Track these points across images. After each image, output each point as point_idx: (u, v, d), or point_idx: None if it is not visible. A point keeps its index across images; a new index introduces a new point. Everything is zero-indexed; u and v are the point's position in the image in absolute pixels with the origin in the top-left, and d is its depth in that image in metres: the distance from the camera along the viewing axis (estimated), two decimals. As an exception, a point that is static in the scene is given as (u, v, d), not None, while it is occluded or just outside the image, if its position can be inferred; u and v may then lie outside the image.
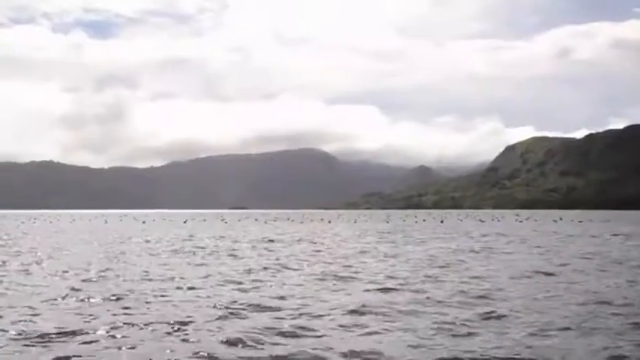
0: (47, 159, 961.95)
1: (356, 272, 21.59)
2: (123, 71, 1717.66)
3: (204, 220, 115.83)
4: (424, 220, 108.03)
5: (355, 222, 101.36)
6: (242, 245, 37.55)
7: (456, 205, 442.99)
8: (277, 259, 26.69)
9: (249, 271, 21.72)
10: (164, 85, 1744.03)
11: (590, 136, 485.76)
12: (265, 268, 22.75)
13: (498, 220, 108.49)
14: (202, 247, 35.12)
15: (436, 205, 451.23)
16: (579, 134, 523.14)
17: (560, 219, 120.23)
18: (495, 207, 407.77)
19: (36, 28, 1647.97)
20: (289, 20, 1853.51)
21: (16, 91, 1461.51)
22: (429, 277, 20.06)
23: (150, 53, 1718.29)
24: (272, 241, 42.64)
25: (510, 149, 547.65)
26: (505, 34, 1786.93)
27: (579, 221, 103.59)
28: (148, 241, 41.73)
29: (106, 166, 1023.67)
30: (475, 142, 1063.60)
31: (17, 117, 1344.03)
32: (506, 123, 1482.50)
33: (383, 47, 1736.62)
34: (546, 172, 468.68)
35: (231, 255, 29.53)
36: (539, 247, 35.29)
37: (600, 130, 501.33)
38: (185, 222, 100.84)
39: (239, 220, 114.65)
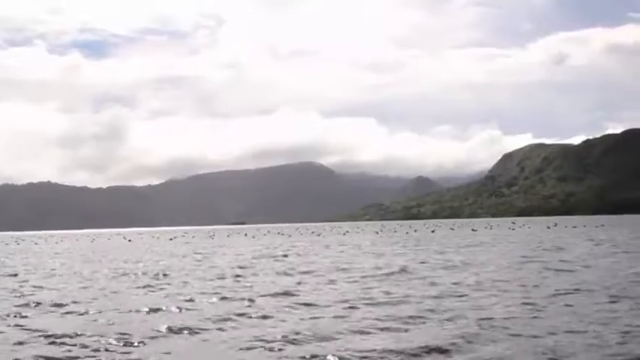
0: (45, 180, 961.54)
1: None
2: (119, 90, 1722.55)
3: (193, 237, 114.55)
4: (415, 231, 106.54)
5: (344, 234, 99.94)
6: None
7: (454, 214, 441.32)
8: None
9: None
10: (161, 103, 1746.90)
11: (587, 142, 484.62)
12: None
13: (491, 228, 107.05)
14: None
15: (435, 215, 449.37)
16: (578, 140, 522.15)
17: (555, 225, 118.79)
18: (494, 215, 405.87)
19: (32, 49, 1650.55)
20: (284, 34, 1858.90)
21: (13, 112, 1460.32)
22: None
23: (146, 72, 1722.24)
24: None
25: (508, 157, 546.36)
26: (500, 42, 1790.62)
27: (573, 227, 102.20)
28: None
29: (104, 186, 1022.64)
30: (474, 151, 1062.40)
31: (14, 139, 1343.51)
32: (505, 131, 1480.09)
33: (379, 59, 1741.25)
34: (544, 178, 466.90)
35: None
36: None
37: (598, 135, 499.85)
38: (171, 239, 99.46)
39: (227, 236, 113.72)
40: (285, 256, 40.33)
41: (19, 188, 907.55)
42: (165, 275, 27.28)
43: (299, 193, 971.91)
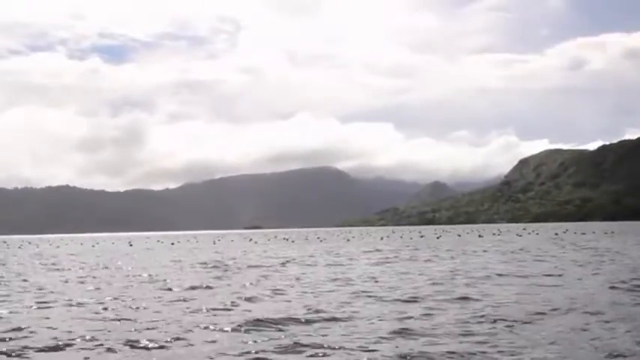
0: (63, 183, 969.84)
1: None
2: (138, 95, 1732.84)
3: (188, 241, 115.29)
4: (421, 237, 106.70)
5: (349, 240, 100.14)
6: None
7: (469, 219, 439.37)
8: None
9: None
10: (179, 108, 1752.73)
11: (603, 147, 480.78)
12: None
13: (499, 234, 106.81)
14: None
15: (450, 221, 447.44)
16: (595, 146, 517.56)
17: (565, 231, 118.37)
18: (510, 221, 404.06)
19: (52, 54, 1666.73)
20: (302, 39, 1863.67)
21: (33, 116, 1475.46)
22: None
23: (165, 76, 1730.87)
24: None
25: (524, 162, 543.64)
26: (517, 47, 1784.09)
27: (582, 233, 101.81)
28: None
29: (121, 189, 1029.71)
30: (490, 156, 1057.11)
31: (34, 142, 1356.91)
32: (522, 136, 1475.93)
33: (395, 64, 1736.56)
34: (560, 184, 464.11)
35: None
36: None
37: (616, 140, 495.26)
38: (172, 244, 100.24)
39: (232, 241, 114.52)
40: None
41: (38, 192, 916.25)
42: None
43: (315, 198, 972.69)
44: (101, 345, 13.01)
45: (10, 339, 13.82)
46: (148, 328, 14.79)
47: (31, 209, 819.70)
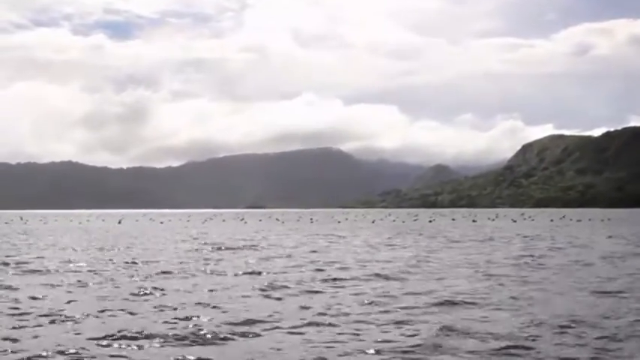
0: (66, 159, 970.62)
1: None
2: (143, 72, 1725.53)
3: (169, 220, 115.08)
4: (414, 220, 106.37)
5: (339, 222, 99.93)
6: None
7: (471, 203, 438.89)
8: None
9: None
10: (183, 86, 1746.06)
11: (607, 134, 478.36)
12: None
13: (493, 220, 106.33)
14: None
15: (452, 204, 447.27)
16: (599, 132, 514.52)
17: (563, 217, 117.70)
18: (512, 206, 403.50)
19: (57, 30, 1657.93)
20: (308, 19, 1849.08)
21: (37, 92, 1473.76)
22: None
23: (169, 54, 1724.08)
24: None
25: (527, 147, 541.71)
26: (522, 31, 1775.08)
27: (578, 220, 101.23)
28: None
29: (124, 166, 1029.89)
30: (495, 141, 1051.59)
31: (38, 118, 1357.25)
32: (527, 121, 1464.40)
33: (401, 46, 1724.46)
34: (563, 170, 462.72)
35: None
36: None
37: (620, 127, 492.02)
38: (162, 223, 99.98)
39: (223, 220, 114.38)
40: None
41: (41, 167, 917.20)
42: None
43: (317, 178, 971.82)
44: None
45: None
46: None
47: (34, 185, 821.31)
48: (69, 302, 16.74)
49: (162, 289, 18.77)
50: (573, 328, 13.28)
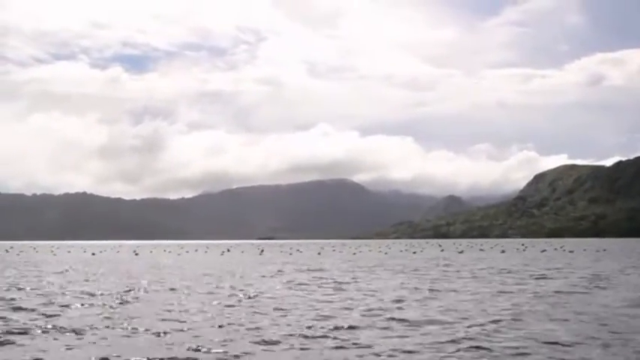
0: (81, 190, 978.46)
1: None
2: (159, 104, 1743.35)
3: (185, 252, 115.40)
4: (421, 251, 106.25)
5: (354, 254, 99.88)
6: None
7: (483, 234, 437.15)
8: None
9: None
10: (198, 117, 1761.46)
11: (619, 164, 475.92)
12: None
13: (503, 252, 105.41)
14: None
15: (464, 235, 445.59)
16: (612, 161, 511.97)
17: (560, 248, 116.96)
18: (524, 236, 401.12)
19: (75, 63, 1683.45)
20: (323, 52, 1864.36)
21: (54, 124, 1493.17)
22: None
23: (185, 86, 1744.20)
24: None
25: (540, 177, 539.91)
26: (536, 62, 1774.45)
27: (570, 251, 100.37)
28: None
29: (138, 197, 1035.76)
30: (509, 171, 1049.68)
31: (54, 149, 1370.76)
32: (541, 151, 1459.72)
33: (415, 77, 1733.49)
34: (575, 199, 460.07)
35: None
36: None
37: (632, 157, 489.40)
38: (179, 255, 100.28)
39: (228, 250, 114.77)
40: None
41: (56, 198, 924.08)
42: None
43: (331, 210, 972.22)
44: None
45: None
46: None
47: (49, 216, 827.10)
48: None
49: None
50: None
